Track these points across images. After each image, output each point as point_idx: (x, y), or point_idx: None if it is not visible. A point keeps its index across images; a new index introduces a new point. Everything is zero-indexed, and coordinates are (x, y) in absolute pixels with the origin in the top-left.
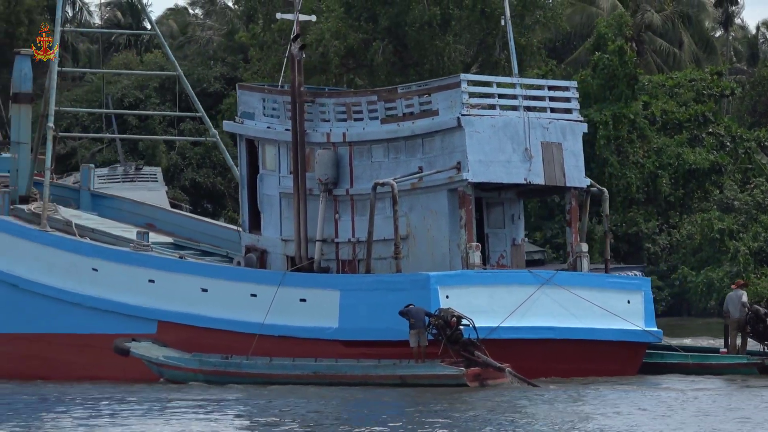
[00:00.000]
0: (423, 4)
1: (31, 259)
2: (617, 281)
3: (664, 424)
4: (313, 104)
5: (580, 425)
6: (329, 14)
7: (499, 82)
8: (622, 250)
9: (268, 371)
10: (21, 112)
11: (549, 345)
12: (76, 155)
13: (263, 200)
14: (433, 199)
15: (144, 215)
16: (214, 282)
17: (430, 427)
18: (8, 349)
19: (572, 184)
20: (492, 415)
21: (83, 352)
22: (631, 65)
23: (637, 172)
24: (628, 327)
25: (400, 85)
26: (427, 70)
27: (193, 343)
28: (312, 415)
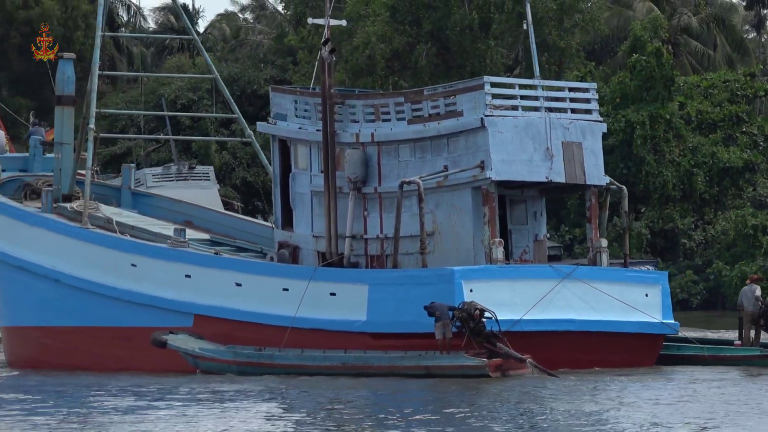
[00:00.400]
0: (464, 8)
1: (73, 255)
2: (635, 275)
3: (681, 413)
4: (342, 106)
5: (598, 414)
6: (375, 18)
7: (521, 84)
8: (659, 245)
9: (299, 362)
10: (64, 113)
11: (569, 337)
12: (132, 154)
13: (295, 198)
14: (457, 197)
15: (182, 212)
16: (248, 277)
17: (453, 415)
18: (53, 342)
19: (592, 181)
20: (513, 404)
21: (123, 345)
22: (667, 67)
23: (673, 170)
24: (645, 319)
25: (425, 87)
26: (469, 72)
27: (228, 335)
28: (341, 404)
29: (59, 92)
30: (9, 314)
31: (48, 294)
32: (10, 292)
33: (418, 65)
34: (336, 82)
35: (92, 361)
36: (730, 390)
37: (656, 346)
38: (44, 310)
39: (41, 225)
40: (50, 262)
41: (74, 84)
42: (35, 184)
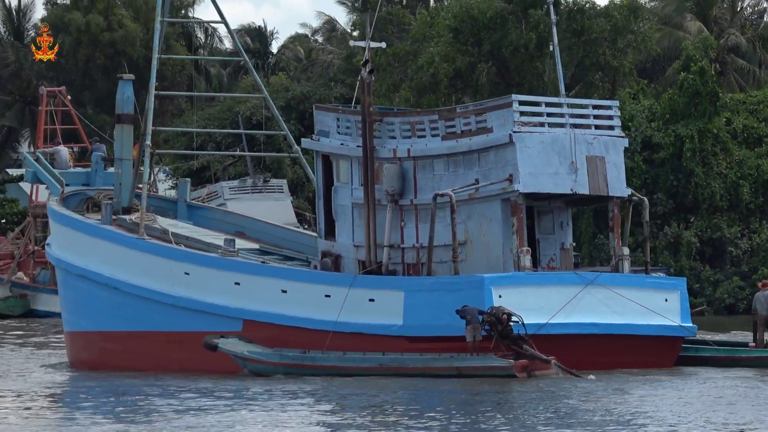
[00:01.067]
0: (520, 28)
1: (131, 264)
2: (655, 281)
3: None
4: (381, 123)
5: (619, 412)
6: (439, 39)
7: (548, 101)
8: (707, 253)
9: (340, 364)
10: (123, 131)
11: (592, 339)
12: (210, 169)
13: (337, 210)
14: (488, 208)
15: (234, 224)
16: (293, 284)
17: (482, 412)
18: (112, 345)
19: (614, 193)
20: (538, 403)
21: (177, 348)
22: (711, 84)
23: (720, 181)
24: (665, 323)
25: (458, 105)
26: (527, 90)
27: (275, 339)
28: (379, 402)
29: (119, 111)
30: (72, 320)
31: (108, 301)
32: (73, 299)
33: (479, 83)
34: (402, 100)
35: (148, 364)
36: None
37: (675, 348)
38: (104, 316)
39: (101, 236)
40: (110, 270)
41: (133, 103)
42: (97, 197)
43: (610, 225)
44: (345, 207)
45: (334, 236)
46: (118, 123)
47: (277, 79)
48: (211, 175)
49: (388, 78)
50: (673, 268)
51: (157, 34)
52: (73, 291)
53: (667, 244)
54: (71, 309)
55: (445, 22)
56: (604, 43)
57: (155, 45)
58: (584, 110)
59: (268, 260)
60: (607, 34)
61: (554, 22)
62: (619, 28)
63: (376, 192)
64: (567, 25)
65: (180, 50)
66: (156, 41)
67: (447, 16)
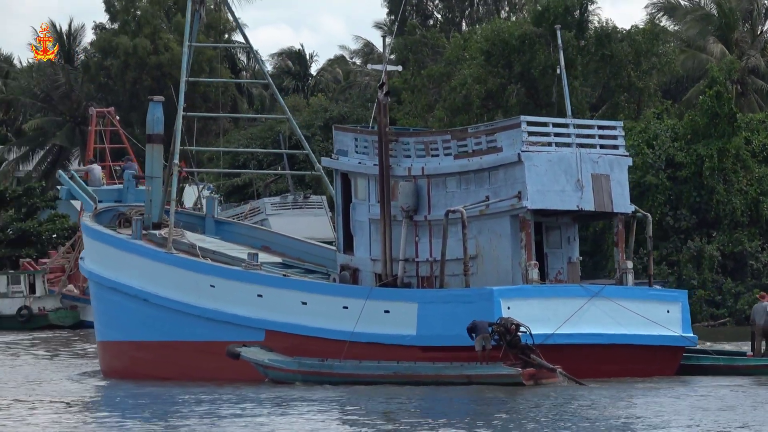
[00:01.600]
0: (548, 51)
1: (159, 277)
2: (658, 293)
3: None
4: (396, 142)
5: (622, 419)
6: (472, 61)
7: (555, 122)
8: (729, 266)
9: (357, 372)
10: (154, 150)
11: (597, 349)
12: (253, 185)
13: (355, 225)
14: (497, 224)
15: (260, 238)
16: (313, 296)
17: (491, 419)
18: (141, 354)
19: (619, 210)
20: (544, 409)
21: (202, 357)
22: (727, 107)
23: (741, 198)
24: (667, 333)
25: (469, 126)
26: (556, 111)
27: (296, 348)
28: (393, 408)
29: (149, 131)
30: (104, 330)
31: (138, 312)
32: (105, 310)
33: (509, 104)
34: (436, 119)
35: (176, 372)
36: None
37: (677, 357)
38: (134, 327)
39: (131, 250)
40: (139, 283)
41: (163, 124)
42: (128, 213)
43: (615, 240)
44: (362, 223)
45: (353, 250)
46: (149, 143)
47: (316, 100)
48: (254, 191)
49: (423, 98)
50: (671, 281)
51: (185, 59)
52: (105, 303)
53: (691, 257)
54: (103, 320)
55: (478, 45)
56: (629, 65)
57: (183, 68)
58: (590, 130)
59: (289, 273)
60: (631, 57)
61: (561, 47)
62: (642, 51)
63: (392, 208)
64: (595, 49)
65: (224, 72)
66: (183, 65)
67: (479, 39)
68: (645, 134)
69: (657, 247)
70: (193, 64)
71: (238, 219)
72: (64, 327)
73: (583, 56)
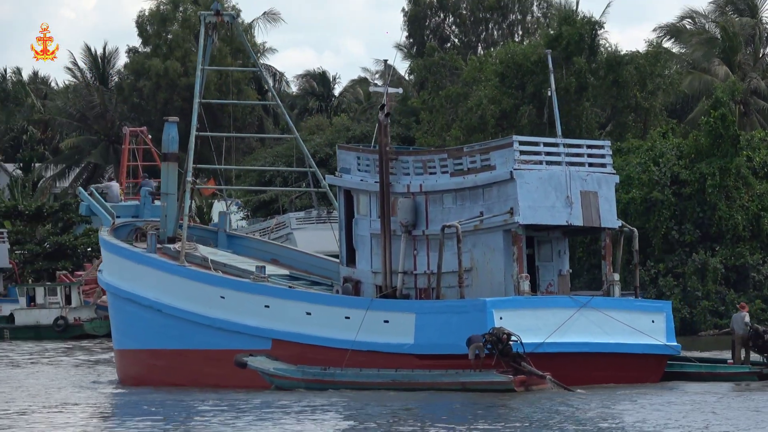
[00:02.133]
0: (561, 73)
1: (172, 288)
2: (643, 304)
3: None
4: (396, 161)
5: (608, 422)
6: (487, 83)
7: (546, 142)
8: (732, 278)
9: (357, 379)
10: (169, 168)
11: (585, 357)
12: (278, 201)
13: (357, 240)
14: (491, 238)
15: (269, 252)
16: (316, 307)
17: (484, 423)
18: (155, 362)
19: (606, 225)
20: (534, 413)
21: (212, 365)
22: (732, 129)
23: (743, 213)
24: (651, 342)
25: (465, 145)
26: (567, 130)
27: (300, 357)
28: (391, 413)
29: (165, 150)
30: (120, 339)
31: (152, 322)
32: (122, 320)
33: (522, 124)
34: (453, 138)
35: (188, 379)
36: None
37: (661, 364)
38: (149, 336)
39: (146, 263)
40: (154, 294)
41: (177, 143)
42: (145, 228)
43: (603, 253)
44: (364, 237)
45: (355, 263)
46: (164, 161)
47: (339, 120)
48: (280, 206)
49: (440, 118)
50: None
51: (198, 81)
52: (122, 313)
53: (695, 270)
54: (120, 329)
55: (493, 67)
56: (635, 87)
57: (196, 90)
58: (579, 149)
59: (295, 285)
60: (636, 79)
61: (551, 70)
62: (646, 74)
63: (391, 224)
64: (605, 73)
65: (251, 94)
66: (196, 88)
67: (494, 62)
68: (651, 152)
69: (663, 260)
70: (221, 85)
71: (265, 233)
72: (98, 336)
73: (596, 79)
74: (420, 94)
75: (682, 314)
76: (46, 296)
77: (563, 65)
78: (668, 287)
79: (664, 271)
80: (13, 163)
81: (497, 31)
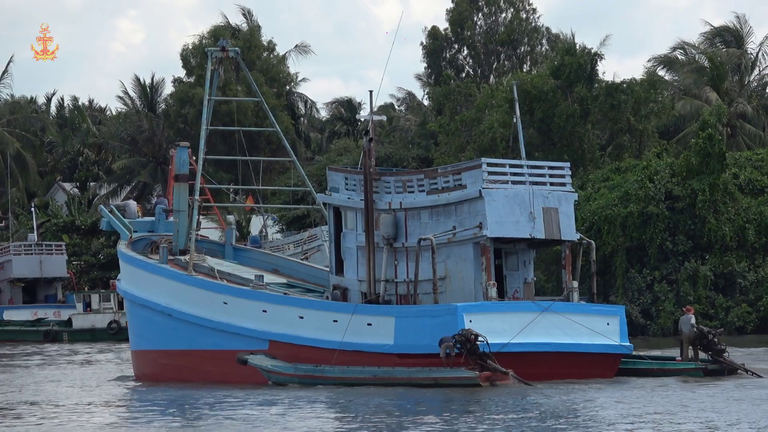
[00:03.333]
0: (567, 101)
1: (181, 295)
2: (599, 308)
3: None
4: (379, 181)
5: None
6: (498, 108)
7: (511, 164)
8: (720, 284)
9: (344, 375)
10: (180, 188)
11: (547, 356)
12: (310, 216)
13: (345, 251)
14: (463, 250)
15: (271, 263)
16: (308, 311)
17: (453, 414)
18: (166, 361)
19: (566, 237)
20: (497, 405)
21: (216, 363)
22: (719, 147)
23: (730, 225)
24: (607, 342)
25: (439, 167)
26: (571, 150)
27: (294, 356)
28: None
29: (177, 172)
30: (136, 340)
31: (163, 325)
32: (137, 323)
33: (530, 145)
34: (466, 158)
35: (195, 376)
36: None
37: (615, 362)
38: (161, 337)
39: (158, 273)
40: (165, 300)
41: (188, 166)
42: (159, 241)
43: (563, 263)
44: (351, 249)
45: (343, 273)
46: (176, 182)
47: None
48: (312, 220)
49: (456, 140)
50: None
51: (205, 110)
52: (137, 317)
53: (687, 277)
54: (135, 332)
55: (503, 95)
56: (629, 112)
57: (203, 118)
58: (541, 170)
59: (290, 292)
60: (630, 105)
61: (516, 99)
62: (641, 100)
63: (375, 237)
64: (604, 99)
65: (285, 119)
66: (204, 115)
67: (505, 89)
68: (647, 170)
69: (658, 268)
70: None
71: (298, 245)
72: None
73: (594, 105)
74: (437, 118)
75: (676, 317)
76: (100, 302)
77: (567, 93)
78: (663, 292)
79: (659, 278)
80: (70, 182)
81: (508, 61)
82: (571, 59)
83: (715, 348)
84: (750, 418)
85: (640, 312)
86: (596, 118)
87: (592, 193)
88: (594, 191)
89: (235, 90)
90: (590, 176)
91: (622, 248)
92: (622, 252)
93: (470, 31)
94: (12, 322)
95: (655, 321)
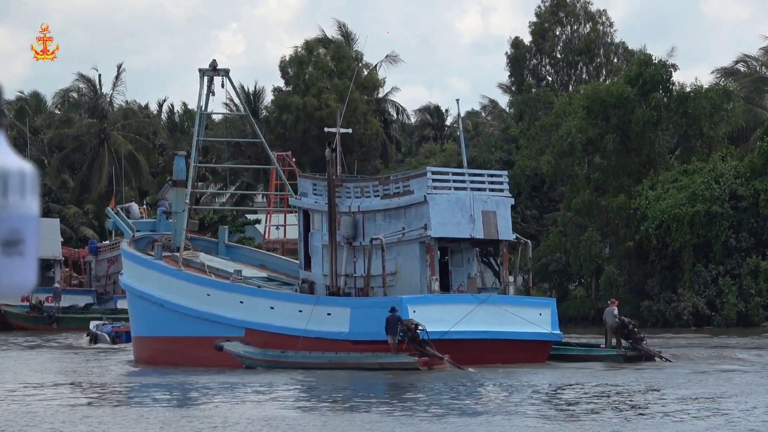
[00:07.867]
0: (643, 108)
1: (172, 287)
2: (533, 301)
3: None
4: (341, 187)
5: (496, 395)
6: (575, 114)
7: (454, 171)
8: None
9: (305, 360)
10: (178, 192)
11: (483, 343)
12: None
13: (312, 249)
14: (410, 248)
15: (258, 259)
16: (278, 302)
17: (396, 393)
18: (157, 346)
19: (503, 237)
20: (434, 386)
21: (201, 348)
22: None
23: None
24: (539, 330)
25: (392, 174)
26: (644, 155)
27: (266, 342)
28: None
29: (175, 177)
30: (135, 328)
31: (157, 314)
32: (136, 313)
33: (606, 150)
34: (545, 162)
35: (183, 360)
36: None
37: (547, 348)
38: (155, 325)
39: (152, 267)
40: (158, 292)
41: (185, 172)
42: (158, 240)
43: (500, 260)
44: (317, 247)
45: (311, 268)
46: (174, 186)
47: (449, 147)
48: None
49: (536, 144)
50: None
51: (197, 121)
52: (136, 307)
53: (749, 271)
54: (135, 320)
55: (580, 102)
56: (704, 118)
57: (195, 130)
58: (481, 177)
59: (266, 285)
60: (707, 111)
61: (459, 110)
62: (716, 107)
63: (337, 236)
64: (677, 107)
65: (375, 123)
66: (196, 127)
67: (582, 97)
68: (713, 173)
69: (722, 263)
70: (348, 117)
71: None
72: None
73: (667, 112)
74: (519, 124)
75: (738, 309)
76: None
77: (641, 100)
78: (727, 286)
79: (723, 272)
80: None
81: (585, 71)
82: (650, 70)
83: (635, 337)
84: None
85: (706, 304)
86: (669, 124)
87: (662, 193)
88: (663, 192)
89: (328, 97)
90: (660, 178)
91: (690, 245)
92: (690, 248)
93: (551, 42)
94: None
95: (720, 312)
